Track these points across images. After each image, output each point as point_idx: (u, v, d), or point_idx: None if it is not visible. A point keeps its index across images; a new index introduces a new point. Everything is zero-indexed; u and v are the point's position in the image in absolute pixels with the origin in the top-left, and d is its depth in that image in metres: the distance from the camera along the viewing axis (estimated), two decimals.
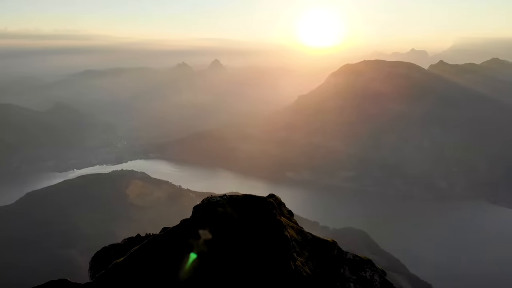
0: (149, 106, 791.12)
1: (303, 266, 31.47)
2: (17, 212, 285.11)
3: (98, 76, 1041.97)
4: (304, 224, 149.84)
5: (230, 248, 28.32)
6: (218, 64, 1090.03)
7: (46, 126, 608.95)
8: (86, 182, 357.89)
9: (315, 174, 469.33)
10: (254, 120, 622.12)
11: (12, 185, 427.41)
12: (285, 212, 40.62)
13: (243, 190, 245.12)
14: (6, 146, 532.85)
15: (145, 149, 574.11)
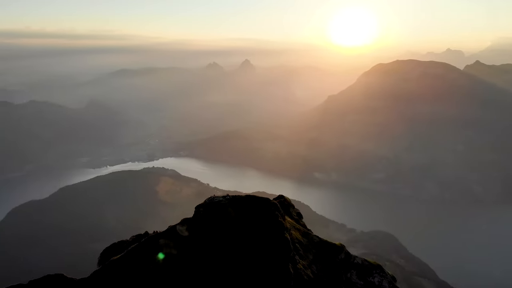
0: (180, 105, 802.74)
1: (305, 269, 30.88)
2: (50, 206, 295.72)
3: (131, 75, 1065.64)
4: (330, 226, 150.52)
5: (229, 249, 28.10)
6: (249, 64, 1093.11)
7: (80, 123, 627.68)
8: (117, 178, 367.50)
9: (344, 175, 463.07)
10: (283, 120, 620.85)
11: (46, 180, 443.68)
12: (294, 214, 40.03)
13: (269, 189, 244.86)
14: (42, 142, 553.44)
15: (176, 147, 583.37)
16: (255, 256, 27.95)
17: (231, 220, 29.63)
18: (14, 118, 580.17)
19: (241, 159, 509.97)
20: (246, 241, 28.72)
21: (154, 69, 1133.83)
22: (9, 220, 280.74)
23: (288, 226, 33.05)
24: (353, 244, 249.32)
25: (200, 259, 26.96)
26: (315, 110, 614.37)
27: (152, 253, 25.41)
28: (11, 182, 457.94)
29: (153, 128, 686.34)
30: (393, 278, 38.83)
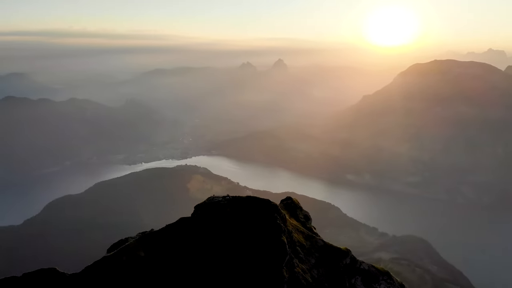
0: (214, 104, 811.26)
1: (304, 273, 30.29)
2: (85, 200, 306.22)
3: (167, 74, 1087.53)
4: (361, 230, 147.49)
5: (224, 249, 27.90)
6: (282, 64, 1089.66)
7: (118, 121, 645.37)
8: (151, 175, 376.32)
9: (377, 178, 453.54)
10: (315, 120, 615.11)
11: (84, 175, 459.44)
12: (300, 216, 39.47)
13: (300, 190, 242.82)
14: (80, 138, 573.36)
15: (208, 145, 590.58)
16: (250, 259, 27.63)
17: (228, 221, 29.46)
18: (54, 115, 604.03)
19: (272, 159, 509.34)
20: (242, 243, 28.45)
21: (189, 68, 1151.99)
22: (46, 213, 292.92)
23: (290, 228, 32.55)
24: (384, 248, 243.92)
25: (195, 260, 26.93)
26: (349, 110, 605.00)
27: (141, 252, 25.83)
28: (50, 177, 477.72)
29: (187, 127, 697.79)
30: (401, 286, 37.54)
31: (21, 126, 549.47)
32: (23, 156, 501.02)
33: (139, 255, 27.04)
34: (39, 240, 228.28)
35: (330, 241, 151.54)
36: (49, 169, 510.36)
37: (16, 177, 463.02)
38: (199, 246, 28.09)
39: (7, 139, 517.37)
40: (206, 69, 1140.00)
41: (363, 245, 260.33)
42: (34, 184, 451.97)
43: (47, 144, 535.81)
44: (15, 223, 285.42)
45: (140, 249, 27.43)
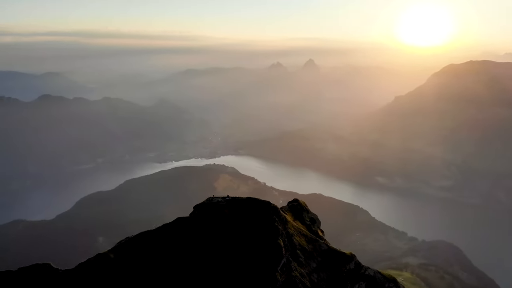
0: (243, 104, 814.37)
1: (302, 277, 29.47)
2: (115, 197, 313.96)
3: (198, 75, 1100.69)
4: (390, 233, 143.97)
5: (220, 250, 27.48)
6: (312, 64, 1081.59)
7: (149, 120, 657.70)
8: (179, 173, 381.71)
9: (408, 181, 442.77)
10: (345, 121, 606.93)
11: (115, 173, 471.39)
12: (306, 219, 38.60)
13: (327, 192, 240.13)
14: (113, 137, 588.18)
15: (237, 145, 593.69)
16: (245, 261, 27.10)
17: (226, 222, 29.04)
18: (89, 113, 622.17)
19: (300, 159, 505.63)
20: (239, 245, 27.95)
21: (219, 69, 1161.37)
22: (77, 209, 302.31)
23: (291, 231, 31.80)
24: (412, 253, 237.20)
25: (189, 260, 26.66)
26: (380, 112, 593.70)
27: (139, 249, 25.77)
28: (83, 174, 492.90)
29: (216, 127, 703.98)
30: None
31: (56, 124, 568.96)
32: (58, 153, 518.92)
33: (131, 254, 27.02)
34: (68, 235, 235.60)
35: (357, 245, 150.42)
36: (82, 166, 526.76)
37: (50, 173, 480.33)
38: (195, 246, 27.79)
39: (43, 136, 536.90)
40: (236, 70, 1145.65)
41: (391, 250, 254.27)
42: (68, 180, 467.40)
43: (81, 142, 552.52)
44: (48, 217, 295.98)
45: (132, 248, 27.41)
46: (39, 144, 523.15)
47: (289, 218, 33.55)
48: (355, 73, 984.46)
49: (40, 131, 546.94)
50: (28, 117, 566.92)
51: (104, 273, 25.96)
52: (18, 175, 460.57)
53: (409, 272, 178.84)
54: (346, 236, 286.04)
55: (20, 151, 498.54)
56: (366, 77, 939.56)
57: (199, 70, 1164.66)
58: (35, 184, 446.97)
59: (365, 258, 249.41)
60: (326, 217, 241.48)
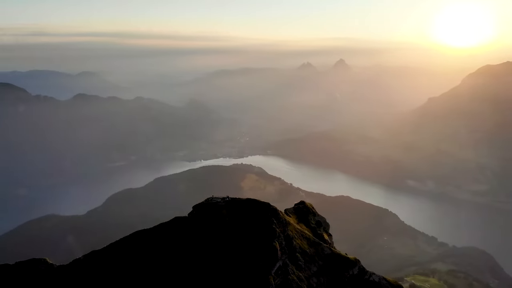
0: (272, 104, 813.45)
1: (300, 281, 28.68)
2: (144, 194, 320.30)
3: (228, 75, 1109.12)
4: (419, 238, 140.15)
5: (215, 251, 27.08)
6: (343, 64, 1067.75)
7: (180, 119, 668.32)
8: (206, 172, 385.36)
9: (440, 184, 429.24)
10: (377, 122, 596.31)
11: (146, 170, 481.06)
12: (312, 221, 37.71)
13: (355, 194, 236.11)
14: (144, 136, 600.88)
15: (265, 145, 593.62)
16: (240, 263, 26.59)
17: (224, 223, 28.63)
18: (121, 112, 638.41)
19: (329, 161, 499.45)
20: (234, 246, 27.47)
21: (249, 69, 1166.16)
22: (107, 205, 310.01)
23: (292, 234, 31.06)
24: (442, 259, 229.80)
25: (184, 260, 26.40)
26: (413, 113, 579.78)
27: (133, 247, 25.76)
28: (115, 171, 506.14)
29: (245, 127, 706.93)
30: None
31: (90, 122, 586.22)
32: (91, 151, 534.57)
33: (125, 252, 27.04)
34: (96, 231, 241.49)
35: (384, 249, 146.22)
36: (115, 163, 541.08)
37: (84, 170, 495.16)
38: (191, 247, 27.54)
39: (78, 134, 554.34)
40: (266, 70, 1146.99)
41: (419, 255, 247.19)
42: (100, 177, 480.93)
43: (114, 140, 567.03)
44: (79, 213, 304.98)
45: (127, 246, 27.44)
46: (74, 141, 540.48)
47: (292, 220, 32.81)
48: (387, 73, 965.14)
49: (75, 129, 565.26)
50: (64, 115, 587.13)
51: (96, 270, 26.10)
52: (53, 171, 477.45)
53: (436, 278, 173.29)
54: (373, 239, 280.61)
55: (55, 148, 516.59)
56: (398, 78, 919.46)
57: (229, 70, 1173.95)
58: (69, 181, 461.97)
59: (392, 262, 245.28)
60: (353, 220, 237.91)
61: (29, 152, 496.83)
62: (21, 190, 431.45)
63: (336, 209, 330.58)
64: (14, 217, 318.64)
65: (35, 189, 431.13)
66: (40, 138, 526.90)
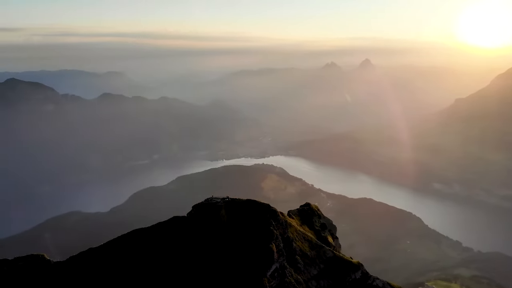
0: (295, 104, 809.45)
1: (297, 284, 27.85)
2: (166, 192, 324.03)
3: (251, 75, 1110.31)
4: (443, 242, 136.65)
5: (212, 252, 26.60)
6: (369, 64, 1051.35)
7: (202, 119, 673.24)
8: (227, 172, 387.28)
9: (467, 188, 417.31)
10: (402, 123, 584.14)
11: (169, 169, 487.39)
12: (316, 224, 36.76)
13: (378, 197, 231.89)
14: (168, 135, 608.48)
15: (287, 145, 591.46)
16: (236, 264, 26.01)
17: (222, 224, 28.12)
18: (146, 111, 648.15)
19: (352, 162, 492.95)
20: (231, 247, 26.93)
21: (272, 69, 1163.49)
22: (130, 203, 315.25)
23: (293, 236, 30.27)
24: (465, 264, 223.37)
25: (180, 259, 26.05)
26: (440, 114, 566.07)
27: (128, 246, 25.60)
28: (139, 169, 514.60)
29: (267, 127, 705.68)
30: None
31: (115, 121, 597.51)
32: (116, 149, 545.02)
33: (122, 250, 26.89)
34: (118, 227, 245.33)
35: (407, 253, 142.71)
36: (139, 161, 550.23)
37: (108, 168, 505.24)
38: (187, 247, 27.14)
39: (103, 132, 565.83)
40: (289, 70, 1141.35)
41: (443, 259, 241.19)
42: (124, 175, 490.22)
43: (138, 139, 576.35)
44: (102, 210, 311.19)
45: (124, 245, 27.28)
46: (99, 140, 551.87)
47: (294, 222, 32.02)
48: (413, 73, 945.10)
49: (101, 127, 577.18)
50: (90, 114, 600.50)
51: (91, 267, 26.04)
52: (78, 168, 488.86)
53: (458, 284, 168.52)
54: (395, 243, 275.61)
55: (81, 146, 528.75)
56: (424, 78, 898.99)
57: (253, 70, 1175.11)
58: (94, 178, 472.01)
59: (414, 267, 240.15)
60: (375, 223, 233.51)
61: (56, 150, 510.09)
62: (47, 187, 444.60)
63: (358, 211, 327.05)
64: (39, 213, 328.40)
65: (61, 186, 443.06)
66: (67, 136, 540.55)
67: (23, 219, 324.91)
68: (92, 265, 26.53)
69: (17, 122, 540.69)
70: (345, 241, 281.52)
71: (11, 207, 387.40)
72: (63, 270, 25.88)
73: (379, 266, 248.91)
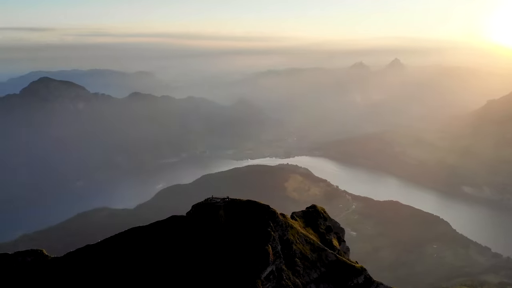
0: (321, 105, 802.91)
1: (295, 287, 27.67)
2: (191, 190, 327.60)
3: (277, 75, 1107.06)
4: (471, 248, 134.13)
5: (209, 253, 26.75)
6: (398, 63, 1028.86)
7: (229, 119, 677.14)
8: (251, 171, 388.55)
9: (499, 192, 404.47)
10: (431, 125, 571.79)
11: (195, 167, 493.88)
12: (321, 226, 36.43)
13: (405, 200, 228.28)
14: (195, 134, 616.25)
15: (312, 146, 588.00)
16: (231, 265, 26.07)
17: (220, 224, 28.26)
18: (174, 111, 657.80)
19: (379, 164, 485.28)
20: (228, 248, 27.03)
21: (299, 69, 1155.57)
22: (156, 200, 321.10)
23: (293, 238, 30.12)
24: (494, 271, 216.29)
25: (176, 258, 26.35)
26: (471, 116, 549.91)
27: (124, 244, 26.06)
28: (167, 167, 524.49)
29: (292, 127, 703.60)
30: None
31: (144, 119, 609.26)
32: (144, 147, 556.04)
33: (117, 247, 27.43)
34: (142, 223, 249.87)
35: (433, 257, 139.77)
36: (167, 159, 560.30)
37: (137, 165, 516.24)
38: (184, 247, 27.46)
39: (132, 131, 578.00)
40: (316, 70, 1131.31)
41: (471, 265, 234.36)
42: (152, 172, 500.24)
43: (166, 137, 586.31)
44: (129, 206, 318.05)
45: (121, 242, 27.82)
46: (129, 138, 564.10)
47: (296, 224, 31.85)
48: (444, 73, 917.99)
49: (130, 126, 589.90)
50: (120, 112, 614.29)
51: (87, 263, 26.70)
52: (107, 166, 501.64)
53: None
54: (422, 247, 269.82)
55: (111, 144, 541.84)
56: (457, 79, 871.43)
57: (279, 70, 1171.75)
58: (122, 175, 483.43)
59: (440, 271, 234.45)
60: (402, 226, 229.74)
61: (86, 147, 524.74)
62: (77, 182, 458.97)
63: (383, 214, 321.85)
64: (69, 208, 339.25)
65: (91, 182, 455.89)
66: (97, 133, 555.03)
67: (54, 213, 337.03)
68: (88, 261, 27.24)
69: (50, 119, 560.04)
70: (369, 244, 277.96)
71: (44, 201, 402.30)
72: (59, 266, 26.71)
73: (404, 271, 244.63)
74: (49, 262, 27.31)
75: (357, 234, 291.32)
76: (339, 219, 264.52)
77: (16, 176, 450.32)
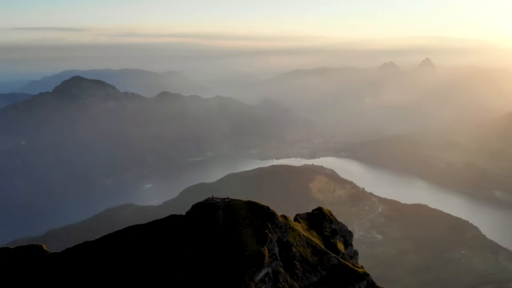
0: (349, 105, 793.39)
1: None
2: (215, 189, 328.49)
3: (305, 75, 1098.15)
4: (501, 254, 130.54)
5: (206, 253, 26.73)
6: (429, 64, 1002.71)
7: (255, 118, 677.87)
8: (276, 171, 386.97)
9: None
10: (462, 127, 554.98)
11: (220, 166, 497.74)
12: (327, 229, 35.86)
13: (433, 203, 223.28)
14: (221, 133, 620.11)
15: (338, 147, 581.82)
16: (225, 266, 25.96)
17: (217, 224, 28.19)
18: (201, 110, 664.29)
19: (407, 166, 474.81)
20: (224, 248, 26.93)
21: (327, 69, 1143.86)
22: (180, 197, 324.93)
23: (294, 240, 29.75)
24: None
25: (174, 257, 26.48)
26: (504, 118, 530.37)
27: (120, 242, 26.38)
28: (192, 165, 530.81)
29: (318, 127, 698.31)
30: None
31: (172, 118, 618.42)
32: (172, 145, 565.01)
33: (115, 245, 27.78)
34: None
35: (461, 263, 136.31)
36: (193, 158, 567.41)
37: (164, 164, 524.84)
38: (181, 246, 27.58)
39: (161, 129, 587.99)
40: (345, 70, 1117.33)
41: (500, 272, 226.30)
42: (179, 170, 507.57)
43: (193, 136, 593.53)
44: (155, 204, 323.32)
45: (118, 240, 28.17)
46: (157, 136, 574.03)
47: (299, 226, 31.45)
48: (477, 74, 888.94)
49: (159, 124, 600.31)
50: (148, 111, 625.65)
51: (85, 260, 27.17)
52: (136, 163, 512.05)
53: None
54: (449, 252, 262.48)
55: (139, 142, 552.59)
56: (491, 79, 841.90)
57: (307, 70, 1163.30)
58: (150, 173, 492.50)
59: (468, 278, 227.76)
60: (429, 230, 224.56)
61: (116, 145, 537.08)
62: (106, 179, 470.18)
63: (410, 217, 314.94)
64: (98, 204, 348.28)
65: (119, 179, 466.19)
66: (126, 131, 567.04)
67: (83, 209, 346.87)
68: (85, 258, 27.74)
69: (81, 116, 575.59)
70: (395, 248, 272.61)
71: (74, 198, 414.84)
72: (57, 261, 27.32)
73: (430, 276, 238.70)
74: (47, 257, 28.03)
75: (383, 237, 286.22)
76: (364, 221, 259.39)
77: (49, 173, 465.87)
